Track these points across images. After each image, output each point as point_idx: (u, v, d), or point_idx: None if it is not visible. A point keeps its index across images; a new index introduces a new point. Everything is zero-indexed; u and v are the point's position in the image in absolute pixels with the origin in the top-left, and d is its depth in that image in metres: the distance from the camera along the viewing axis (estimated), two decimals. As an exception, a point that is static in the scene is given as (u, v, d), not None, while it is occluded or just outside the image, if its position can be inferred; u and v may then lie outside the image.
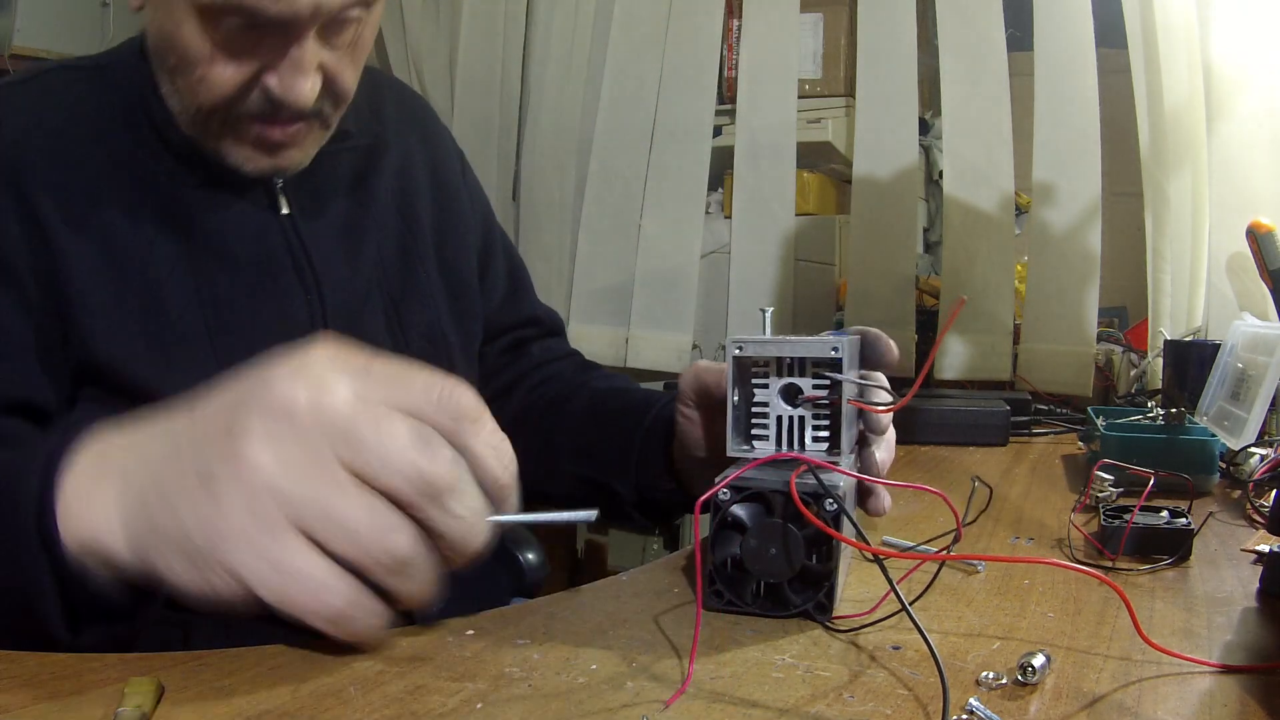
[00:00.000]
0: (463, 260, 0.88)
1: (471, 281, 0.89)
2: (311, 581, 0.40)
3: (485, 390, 0.93)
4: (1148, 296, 1.47)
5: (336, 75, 0.67)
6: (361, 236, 0.79)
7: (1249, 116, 1.35)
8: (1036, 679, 0.42)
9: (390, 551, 0.40)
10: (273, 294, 0.72)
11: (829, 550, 0.49)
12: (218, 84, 0.64)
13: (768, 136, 1.81)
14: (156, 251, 0.68)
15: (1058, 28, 1.54)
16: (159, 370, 0.66)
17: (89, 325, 0.65)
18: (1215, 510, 0.78)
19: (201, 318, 0.68)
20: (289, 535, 0.39)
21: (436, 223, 0.86)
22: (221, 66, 0.63)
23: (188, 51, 0.63)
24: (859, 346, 0.61)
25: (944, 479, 0.95)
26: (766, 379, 0.54)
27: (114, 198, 0.67)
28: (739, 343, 0.53)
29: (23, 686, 0.40)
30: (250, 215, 0.72)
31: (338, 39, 0.66)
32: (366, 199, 0.80)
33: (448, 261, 0.86)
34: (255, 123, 0.66)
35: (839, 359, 0.52)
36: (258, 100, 0.65)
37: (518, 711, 0.39)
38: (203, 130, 0.68)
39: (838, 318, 1.77)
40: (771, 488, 0.49)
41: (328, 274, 0.74)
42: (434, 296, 0.83)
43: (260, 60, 0.63)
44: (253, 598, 0.40)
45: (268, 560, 0.39)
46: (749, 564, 0.50)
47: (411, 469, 0.40)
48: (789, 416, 0.54)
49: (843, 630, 0.49)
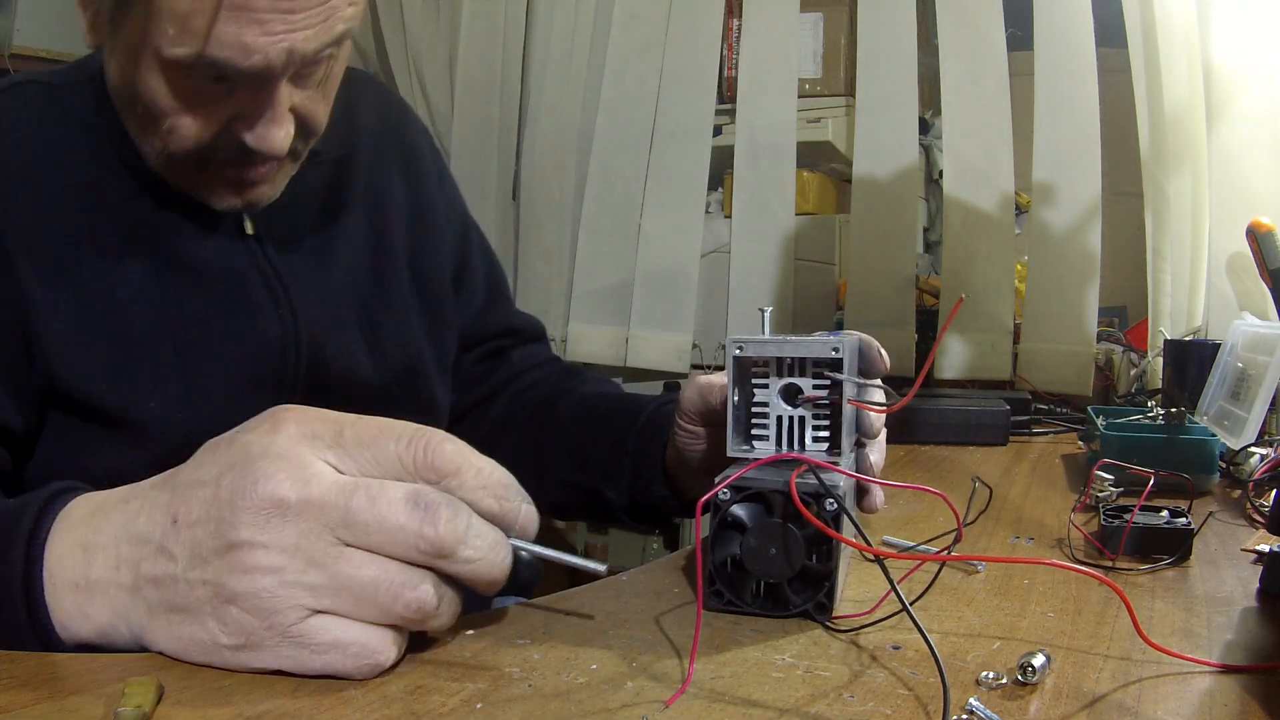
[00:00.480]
0: (436, 272, 0.86)
1: (446, 293, 0.87)
2: (352, 649, 0.41)
3: (465, 399, 0.91)
4: (1148, 296, 1.47)
5: (309, 114, 0.65)
6: (332, 251, 0.77)
7: (1249, 116, 1.34)
8: (1036, 679, 0.42)
9: (414, 606, 0.41)
10: (245, 311, 0.71)
11: (829, 550, 0.49)
12: (187, 135, 0.62)
13: (768, 136, 1.81)
14: (122, 273, 0.66)
15: (1058, 28, 1.54)
16: (126, 392, 0.65)
17: (53, 349, 0.64)
18: (1215, 510, 0.78)
19: (170, 338, 0.67)
20: (316, 619, 0.40)
21: (410, 234, 0.84)
22: (191, 119, 0.61)
23: (155, 103, 0.61)
24: (858, 347, 0.61)
25: (944, 479, 0.95)
26: (767, 379, 0.54)
27: (75, 220, 0.66)
28: (739, 343, 0.53)
29: (23, 686, 0.40)
30: (217, 234, 0.71)
31: (309, 80, 0.64)
32: (337, 212, 0.79)
33: (422, 273, 0.84)
34: (227, 166, 0.65)
35: (840, 359, 0.52)
36: (229, 147, 0.63)
37: (518, 711, 0.39)
38: (172, 172, 0.66)
39: (838, 318, 1.77)
40: (771, 488, 0.49)
41: (299, 289, 0.73)
42: (408, 310, 0.82)
43: (231, 109, 0.62)
44: None
45: (306, 649, 0.40)
46: (749, 564, 0.50)
47: (415, 538, 0.40)
48: (789, 416, 0.54)
49: (843, 630, 0.49)
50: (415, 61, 2.18)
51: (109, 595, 0.43)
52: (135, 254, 0.67)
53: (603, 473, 0.79)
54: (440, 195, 0.89)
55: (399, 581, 0.40)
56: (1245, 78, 1.34)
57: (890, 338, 1.67)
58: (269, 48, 0.57)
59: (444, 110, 2.17)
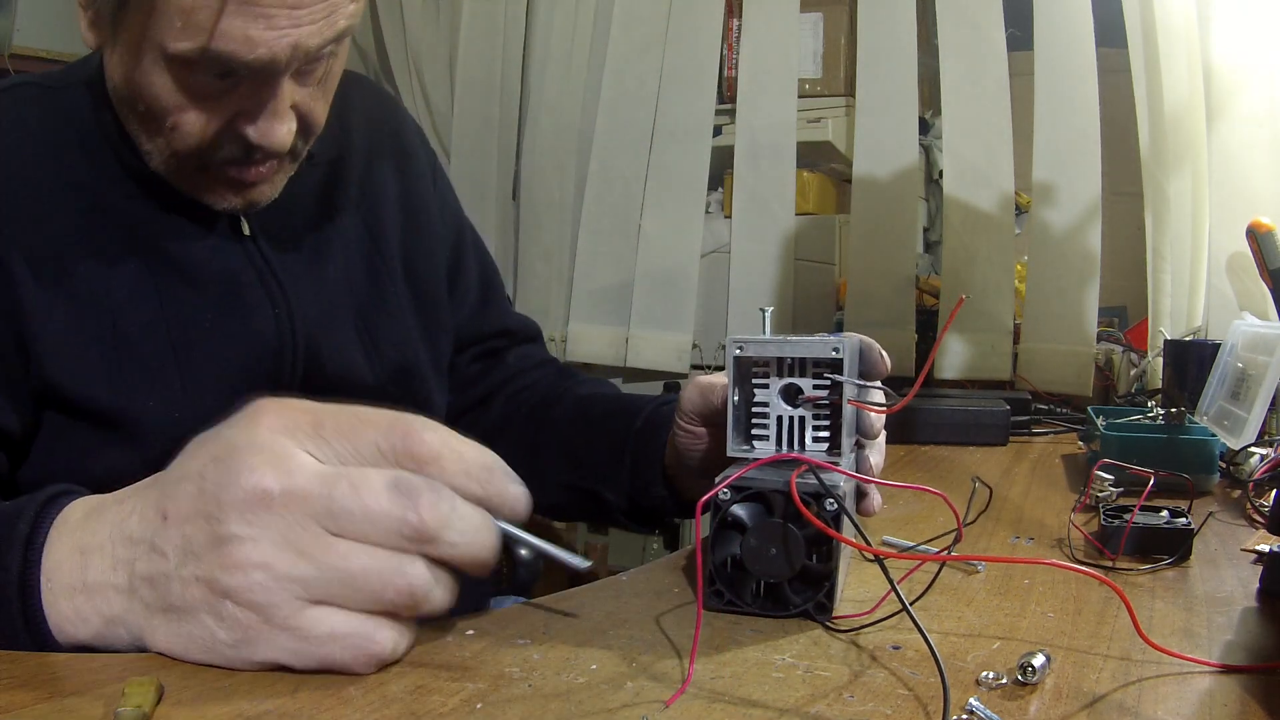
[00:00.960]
0: (431, 273, 0.87)
1: (440, 295, 0.87)
2: (350, 640, 0.41)
3: (461, 401, 0.91)
4: (1148, 296, 1.47)
5: (309, 112, 0.66)
6: (327, 252, 0.78)
7: (1249, 116, 1.35)
8: (1037, 679, 0.42)
9: (405, 591, 0.41)
10: (240, 311, 0.71)
11: (829, 550, 0.49)
12: (190, 132, 0.62)
13: (768, 136, 1.81)
14: (116, 275, 0.66)
15: (1058, 28, 1.54)
16: (122, 393, 0.65)
17: (48, 351, 0.64)
18: (1215, 510, 0.78)
19: (166, 338, 0.67)
20: (311, 611, 0.40)
21: (404, 235, 0.84)
22: (194, 115, 0.62)
23: (158, 101, 0.61)
24: (859, 348, 0.61)
25: (944, 479, 0.95)
26: (767, 379, 0.54)
27: (71, 221, 0.66)
28: (740, 342, 0.53)
29: (23, 686, 0.40)
30: (213, 235, 0.71)
31: (310, 77, 0.65)
32: (332, 213, 0.79)
33: (416, 274, 0.85)
34: (229, 166, 0.65)
35: (840, 359, 0.52)
36: (231, 145, 0.64)
37: (518, 711, 0.39)
38: (173, 172, 0.66)
39: (838, 318, 1.77)
40: (772, 488, 0.49)
41: (295, 290, 0.73)
42: (402, 311, 0.82)
43: (234, 106, 0.62)
44: None
45: (304, 641, 0.40)
46: (749, 564, 0.50)
47: (399, 524, 0.40)
48: (789, 417, 0.54)
49: (843, 630, 0.49)
50: (415, 61, 2.18)
51: (106, 598, 0.43)
52: (131, 255, 0.67)
53: (601, 474, 0.79)
54: (434, 195, 0.89)
55: (388, 568, 0.40)
56: (1245, 78, 1.34)
57: (890, 338, 1.67)
58: (274, 42, 0.58)
59: (444, 110, 2.17)
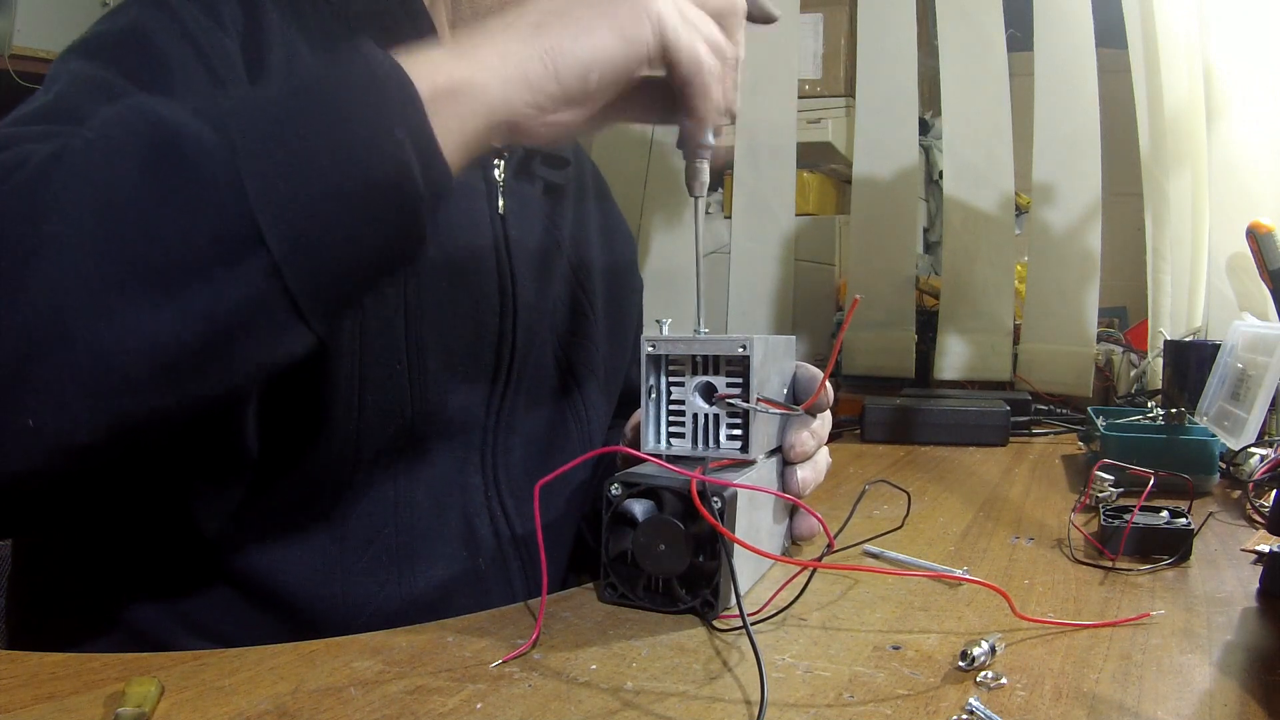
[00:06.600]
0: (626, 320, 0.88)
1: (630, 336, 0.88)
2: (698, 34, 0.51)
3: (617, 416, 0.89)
4: (1148, 296, 1.47)
5: None
6: (551, 267, 0.76)
7: (1249, 117, 1.35)
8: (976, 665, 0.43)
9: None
10: (474, 284, 0.68)
11: (715, 549, 0.49)
12: None
13: (768, 136, 1.81)
14: None
15: (1058, 28, 1.54)
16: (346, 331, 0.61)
17: None
18: (1215, 510, 0.78)
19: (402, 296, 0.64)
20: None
21: (602, 256, 0.84)
22: None
23: None
24: (792, 346, 0.62)
25: (944, 479, 0.95)
26: (683, 378, 0.55)
27: None
28: (652, 341, 0.55)
29: (23, 686, 0.40)
30: (470, 199, 0.69)
31: None
32: (554, 231, 0.78)
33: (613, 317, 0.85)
34: None
35: (747, 356, 0.53)
36: None
37: (518, 711, 0.39)
38: None
39: (838, 318, 1.77)
40: (660, 484, 0.50)
41: (523, 288, 0.71)
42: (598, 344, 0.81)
43: None
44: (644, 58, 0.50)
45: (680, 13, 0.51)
46: (640, 559, 0.50)
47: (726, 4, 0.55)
48: (705, 415, 0.55)
49: (723, 630, 0.49)
50: (415, 61, 2.17)
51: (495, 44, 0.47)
52: None
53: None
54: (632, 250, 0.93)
55: None
56: (1245, 78, 1.34)
57: (890, 338, 1.67)
58: None
59: (444, 110, 2.17)
